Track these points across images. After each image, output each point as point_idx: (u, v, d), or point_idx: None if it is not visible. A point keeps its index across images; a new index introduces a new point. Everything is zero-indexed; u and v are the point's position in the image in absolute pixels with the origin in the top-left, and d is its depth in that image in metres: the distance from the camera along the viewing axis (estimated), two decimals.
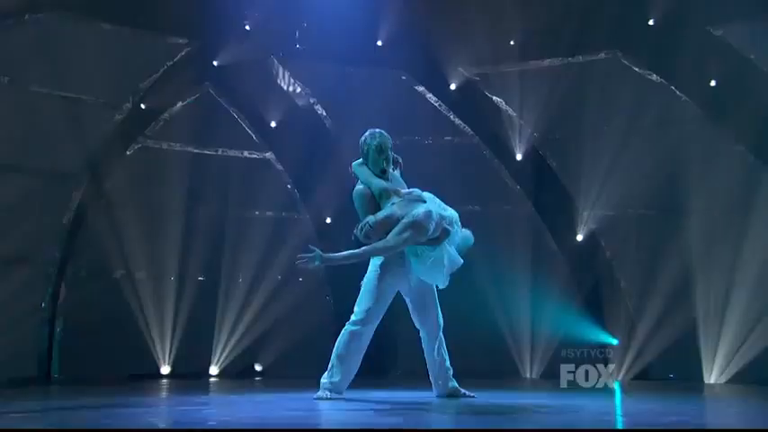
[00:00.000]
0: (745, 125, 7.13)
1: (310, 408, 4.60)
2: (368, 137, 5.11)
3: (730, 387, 6.85)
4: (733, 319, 7.23)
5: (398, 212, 4.81)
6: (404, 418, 4.03)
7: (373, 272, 5.12)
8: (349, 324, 5.12)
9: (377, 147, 5.04)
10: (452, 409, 4.48)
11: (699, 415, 4.35)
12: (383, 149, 5.04)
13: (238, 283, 8.01)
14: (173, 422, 3.96)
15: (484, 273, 7.95)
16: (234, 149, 8.23)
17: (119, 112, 7.59)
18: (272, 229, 8.19)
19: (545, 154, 8.25)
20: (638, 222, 7.87)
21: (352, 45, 8.09)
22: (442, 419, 4.07)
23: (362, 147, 5.12)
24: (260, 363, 8.07)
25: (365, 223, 4.81)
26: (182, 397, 5.67)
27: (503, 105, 8.28)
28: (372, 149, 5.04)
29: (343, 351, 5.06)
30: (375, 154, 5.03)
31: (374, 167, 5.07)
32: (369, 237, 4.82)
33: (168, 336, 7.61)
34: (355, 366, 5.09)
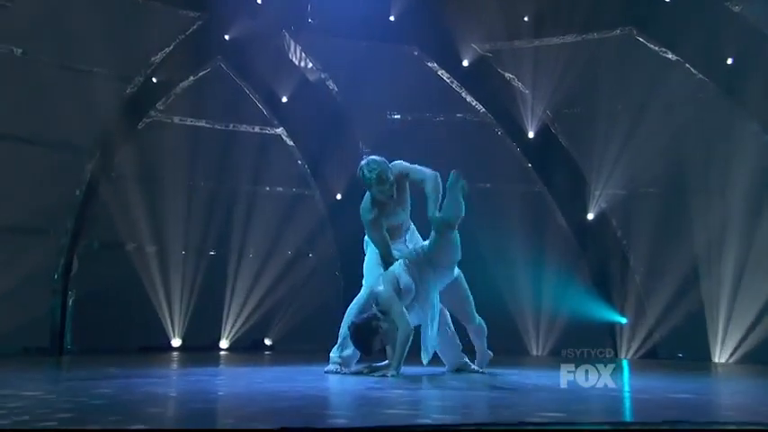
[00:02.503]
0: (761, 104, 7.03)
1: (320, 380, 4.64)
2: (365, 169, 5.03)
3: (738, 367, 6.84)
4: (742, 299, 7.20)
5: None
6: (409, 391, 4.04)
7: (373, 252, 5.16)
8: (356, 299, 5.16)
9: (377, 178, 4.98)
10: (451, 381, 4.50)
11: (706, 392, 4.35)
12: (383, 179, 4.99)
13: (249, 258, 8.04)
14: (184, 391, 4.00)
15: (493, 250, 7.94)
16: (245, 124, 8.22)
17: (130, 85, 7.57)
18: (283, 205, 8.21)
19: (557, 132, 8.19)
20: (649, 202, 7.81)
21: (364, 20, 8.02)
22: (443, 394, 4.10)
23: (363, 179, 5.03)
24: (269, 337, 8.12)
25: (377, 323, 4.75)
26: (192, 368, 5.73)
27: (515, 82, 8.20)
28: (374, 181, 4.99)
29: None
30: (378, 185, 4.99)
31: (380, 196, 5.03)
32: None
33: (179, 309, 7.66)
34: None
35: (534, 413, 3.28)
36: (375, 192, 4.99)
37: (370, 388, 4.22)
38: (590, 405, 3.61)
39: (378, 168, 4.98)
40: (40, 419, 2.82)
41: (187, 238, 7.80)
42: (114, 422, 2.81)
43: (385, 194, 5.01)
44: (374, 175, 4.96)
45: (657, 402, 3.71)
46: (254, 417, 3.10)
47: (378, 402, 3.67)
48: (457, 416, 3.26)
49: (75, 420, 2.81)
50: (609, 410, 3.45)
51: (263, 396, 3.74)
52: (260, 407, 3.35)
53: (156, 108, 7.83)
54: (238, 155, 8.02)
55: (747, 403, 3.90)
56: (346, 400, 3.86)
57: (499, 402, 3.79)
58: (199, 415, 3.09)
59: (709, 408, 3.58)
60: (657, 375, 5.30)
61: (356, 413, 3.29)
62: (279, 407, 3.32)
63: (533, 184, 8.23)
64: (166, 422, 2.97)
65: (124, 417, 2.95)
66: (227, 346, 7.92)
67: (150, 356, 6.81)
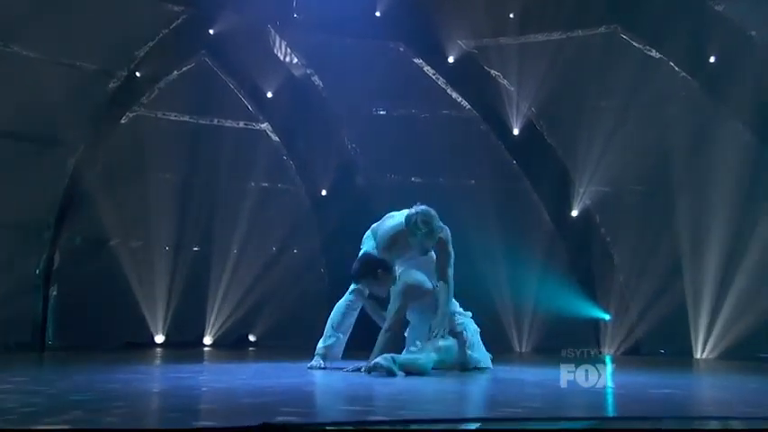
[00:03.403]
0: (743, 102, 7.11)
1: (304, 376, 4.64)
2: (420, 218, 4.86)
3: (720, 363, 6.93)
4: (725, 296, 7.29)
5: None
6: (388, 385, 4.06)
7: (369, 248, 5.19)
8: (345, 296, 5.21)
9: (428, 233, 4.86)
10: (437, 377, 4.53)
11: (685, 387, 4.40)
12: (431, 237, 4.90)
13: (233, 254, 8.02)
14: (167, 388, 3.99)
15: (478, 247, 7.97)
16: (229, 120, 8.19)
17: (114, 79, 7.52)
18: (268, 201, 8.18)
19: (542, 129, 8.23)
20: (633, 199, 7.88)
21: (350, 15, 8.00)
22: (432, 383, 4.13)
23: (413, 224, 4.88)
24: (254, 333, 8.11)
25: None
26: (175, 364, 5.70)
27: (501, 79, 8.23)
28: (422, 235, 4.85)
29: (338, 318, 5.15)
30: (423, 239, 4.88)
31: (419, 247, 4.92)
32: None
33: (162, 305, 7.63)
34: (348, 332, 5.18)
35: (513, 405, 3.30)
36: (414, 241, 4.90)
37: (354, 383, 4.23)
38: (569, 400, 3.65)
39: (432, 224, 4.88)
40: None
41: (171, 234, 7.77)
42: (93, 419, 2.80)
43: (421, 250, 4.94)
44: (426, 230, 4.86)
45: (635, 398, 3.75)
46: (235, 413, 3.09)
47: (361, 397, 3.68)
48: (439, 410, 3.27)
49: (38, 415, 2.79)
50: (588, 406, 3.49)
51: (245, 392, 3.73)
52: (242, 403, 3.34)
53: (140, 103, 7.78)
54: (223, 150, 7.98)
55: (725, 398, 3.95)
56: (329, 395, 3.87)
57: (482, 396, 3.82)
58: (179, 411, 3.08)
59: (687, 403, 3.62)
60: (639, 371, 5.36)
61: (339, 409, 3.29)
62: (261, 403, 3.31)
63: (518, 181, 8.27)
64: (147, 419, 2.97)
65: (103, 413, 2.94)
66: (211, 342, 7.90)
67: (133, 353, 6.77)
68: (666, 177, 7.65)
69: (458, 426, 2.82)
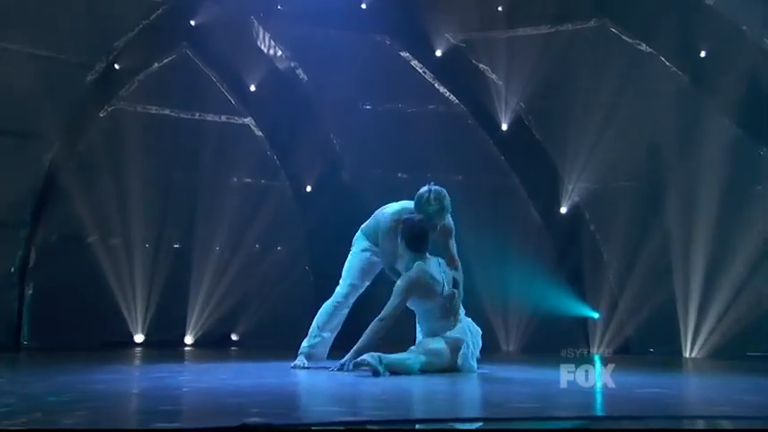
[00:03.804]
0: (734, 98, 7.16)
1: (286, 376, 4.63)
2: (432, 195, 4.90)
3: (710, 362, 6.99)
4: (713, 294, 7.35)
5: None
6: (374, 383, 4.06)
7: (359, 250, 5.17)
8: (333, 297, 5.21)
9: (440, 210, 4.89)
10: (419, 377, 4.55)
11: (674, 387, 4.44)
12: (441, 216, 4.92)
13: (215, 252, 7.99)
14: (144, 388, 3.97)
15: (465, 244, 7.96)
16: (211, 114, 8.14)
17: (92, 72, 7.45)
18: (251, 197, 8.14)
19: (530, 124, 8.26)
20: (622, 195, 7.92)
21: (335, 7, 7.98)
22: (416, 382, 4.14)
23: (425, 201, 4.89)
24: (236, 332, 8.09)
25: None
26: (155, 364, 5.68)
27: (489, 73, 8.25)
28: (434, 211, 4.87)
29: (324, 318, 5.15)
30: (436, 216, 4.89)
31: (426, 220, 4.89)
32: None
33: (142, 304, 7.59)
34: (334, 333, 5.17)
35: (502, 405, 3.32)
36: (428, 215, 4.88)
37: (337, 383, 4.23)
38: (557, 399, 3.67)
39: (444, 202, 4.90)
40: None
41: (151, 231, 7.72)
42: (71, 421, 2.78)
43: (433, 223, 4.92)
44: (438, 206, 4.88)
45: (624, 397, 3.78)
46: (213, 413, 3.09)
47: (343, 398, 3.68)
48: (422, 410, 3.28)
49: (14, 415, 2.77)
50: (576, 405, 3.51)
51: (226, 392, 3.73)
52: (222, 403, 3.34)
53: (119, 96, 7.72)
54: (204, 145, 7.94)
55: (712, 397, 3.99)
56: (311, 395, 3.87)
57: (468, 396, 3.83)
58: (158, 412, 3.07)
59: (674, 402, 3.65)
60: (628, 370, 5.40)
61: (320, 409, 3.29)
62: (241, 403, 3.31)
63: (506, 176, 8.29)
64: (125, 420, 2.95)
65: (81, 415, 2.92)
66: (192, 341, 7.87)
67: (112, 352, 6.74)
68: (656, 174, 7.70)
69: (439, 426, 2.82)
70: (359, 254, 5.22)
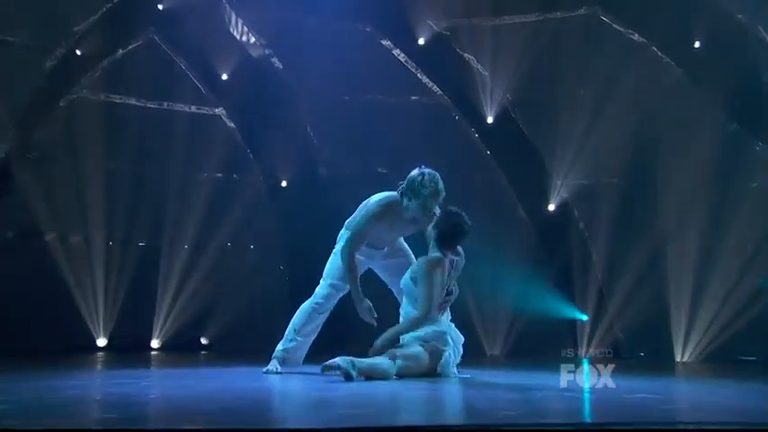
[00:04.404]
0: (729, 90, 7.22)
1: (258, 381, 4.61)
2: (426, 177, 4.81)
3: (701, 366, 7.06)
4: (707, 296, 7.41)
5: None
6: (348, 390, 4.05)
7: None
8: (312, 298, 5.13)
9: (434, 192, 4.80)
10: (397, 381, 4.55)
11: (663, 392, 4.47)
12: (436, 199, 4.84)
13: (183, 250, 7.93)
14: (107, 394, 3.93)
15: None
16: (180, 103, 8.08)
17: (51, 57, 7.35)
18: (222, 192, 8.09)
19: (517, 117, 8.27)
20: (613, 192, 7.96)
21: None
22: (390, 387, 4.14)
23: (417, 183, 4.80)
24: (206, 336, 8.04)
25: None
26: (119, 369, 5.63)
27: (474, 63, 8.25)
28: (429, 194, 4.79)
29: (302, 320, 5.08)
30: (429, 199, 4.80)
31: (419, 211, 4.83)
32: None
33: (105, 305, 7.52)
34: (311, 336, 5.10)
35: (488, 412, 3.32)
36: (414, 204, 4.80)
37: (309, 388, 4.21)
38: (543, 405, 3.68)
39: (439, 185, 4.83)
40: None
41: (115, 227, 7.64)
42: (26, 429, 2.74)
43: (421, 215, 4.84)
44: (433, 189, 4.79)
45: (610, 403, 3.80)
46: (180, 419, 3.07)
47: (317, 404, 3.67)
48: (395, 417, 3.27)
49: None
50: (562, 411, 3.52)
51: (193, 398, 3.71)
52: (188, 409, 3.33)
53: (81, 84, 7.64)
54: (173, 136, 7.87)
55: (701, 403, 4.02)
56: (282, 400, 3.85)
57: (451, 400, 3.83)
58: (119, 419, 3.04)
59: (665, 408, 3.68)
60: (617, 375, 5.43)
61: (291, 414, 3.28)
62: (209, 409, 3.30)
63: (491, 172, 8.30)
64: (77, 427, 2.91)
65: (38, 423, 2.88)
66: (158, 345, 7.81)
67: (72, 357, 6.66)
68: (648, 170, 7.75)
69: None
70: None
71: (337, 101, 8.36)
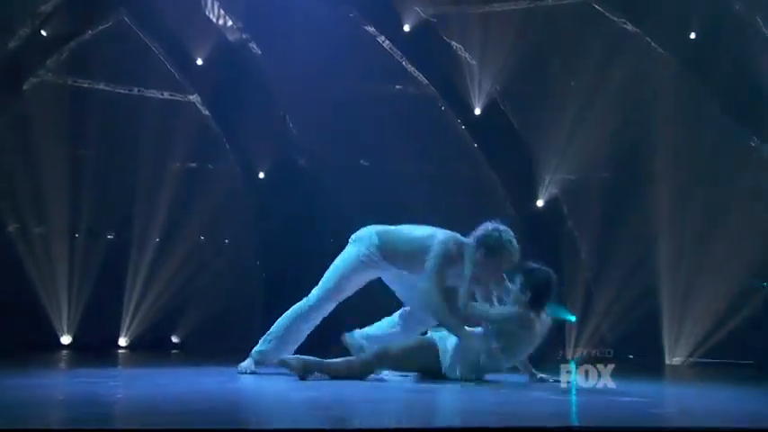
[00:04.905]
0: (724, 84, 7.29)
1: (230, 382, 4.60)
2: (513, 242, 4.74)
3: (692, 369, 7.13)
4: (698, 297, 7.48)
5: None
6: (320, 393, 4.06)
7: (357, 253, 4.92)
8: (305, 301, 4.97)
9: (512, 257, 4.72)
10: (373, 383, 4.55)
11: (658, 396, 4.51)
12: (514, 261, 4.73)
13: (154, 244, 7.88)
14: (70, 394, 3.91)
15: None
16: (152, 89, 8.03)
17: (13, 38, 7.28)
18: (195, 183, 8.05)
19: (506, 109, 8.31)
20: (604, 188, 8.02)
21: None
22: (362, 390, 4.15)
23: (495, 242, 4.72)
24: (177, 334, 8.00)
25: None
26: (84, 369, 5.59)
27: (462, 52, 8.26)
28: (507, 258, 4.71)
29: (286, 324, 4.94)
30: (507, 263, 4.73)
31: (493, 268, 4.74)
32: None
33: (70, 301, 7.45)
34: (292, 344, 4.97)
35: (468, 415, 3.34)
36: (490, 261, 4.70)
37: (281, 390, 4.21)
38: (526, 408, 3.70)
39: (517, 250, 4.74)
40: None
41: (81, 219, 7.57)
42: None
43: (493, 272, 4.75)
44: (513, 252, 4.72)
45: (600, 405, 3.83)
46: (146, 420, 3.07)
47: (284, 405, 3.66)
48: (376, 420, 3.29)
49: None
50: (547, 414, 3.55)
51: (161, 399, 3.70)
52: (156, 410, 3.33)
53: (46, 66, 7.56)
54: (144, 124, 7.81)
55: (692, 407, 4.07)
56: (252, 401, 3.85)
57: (427, 404, 3.84)
58: (84, 420, 3.02)
59: (653, 412, 3.72)
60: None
61: (259, 416, 3.29)
62: (177, 410, 3.29)
63: (479, 166, 8.33)
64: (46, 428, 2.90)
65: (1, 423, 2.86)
66: (126, 344, 7.77)
67: (34, 355, 6.60)
68: (640, 165, 7.81)
69: None
70: (354, 258, 4.89)
71: (318, 89, 8.33)
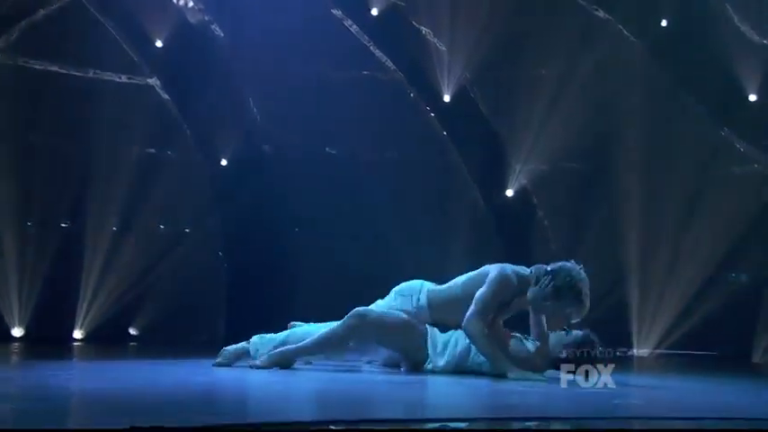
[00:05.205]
0: (695, 71, 7.40)
1: (190, 375, 4.59)
2: (586, 291, 4.44)
3: (662, 360, 7.27)
4: (669, 287, 7.62)
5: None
6: None
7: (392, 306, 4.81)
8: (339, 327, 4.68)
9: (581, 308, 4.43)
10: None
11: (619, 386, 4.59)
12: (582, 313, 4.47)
13: (111, 233, 7.79)
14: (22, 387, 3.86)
15: (400, 230, 8.04)
16: (109, 72, 7.91)
17: None
18: (155, 170, 7.96)
19: (476, 97, 8.35)
20: (575, 178, 8.11)
21: None
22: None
23: (567, 286, 4.42)
24: (135, 326, 7.94)
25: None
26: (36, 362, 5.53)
27: (431, 37, 8.28)
28: (575, 309, 4.42)
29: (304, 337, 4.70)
30: (573, 313, 4.44)
31: (552, 311, 4.51)
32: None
33: (22, 292, 7.34)
34: None
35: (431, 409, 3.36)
36: (550, 304, 4.46)
37: (244, 383, 4.21)
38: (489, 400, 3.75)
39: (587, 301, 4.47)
40: None
41: (34, 208, 7.46)
42: None
43: (554, 312, 4.50)
44: (583, 303, 4.42)
45: (562, 397, 3.89)
46: (102, 415, 3.04)
47: (243, 398, 3.68)
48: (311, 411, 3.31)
49: None
50: (508, 406, 3.60)
51: (116, 393, 3.67)
52: (111, 404, 3.29)
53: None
54: (100, 108, 7.71)
55: (656, 398, 4.15)
56: (211, 396, 3.84)
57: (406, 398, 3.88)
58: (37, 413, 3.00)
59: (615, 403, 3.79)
60: None
61: (218, 410, 3.28)
62: (133, 404, 3.28)
63: (447, 155, 8.36)
64: None
65: None
66: (82, 336, 7.70)
67: None
68: (611, 155, 7.91)
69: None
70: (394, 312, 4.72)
71: (283, 73, 8.29)
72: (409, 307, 4.73)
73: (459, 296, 4.64)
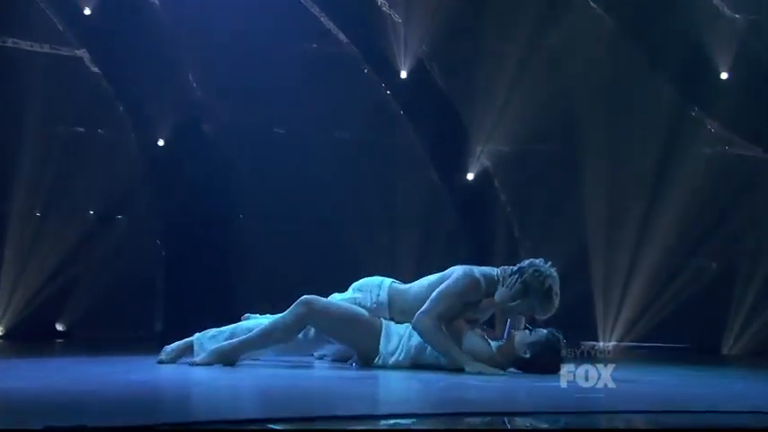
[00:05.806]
0: (666, 47, 7.47)
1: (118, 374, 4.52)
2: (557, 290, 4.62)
3: (629, 352, 7.36)
4: (637, 278, 7.71)
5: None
6: None
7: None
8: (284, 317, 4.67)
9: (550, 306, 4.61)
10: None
11: None
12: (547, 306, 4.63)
13: (35, 219, 7.64)
14: None
15: (355, 216, 8.01)
16: (32, 42, 7.70)
17: None
18: (84, 150, 7.84)
19: (434, 72, 8.33)
20: (539, 160, 8.15)
21: None
22: None
23: (538, 283, 4.58)
24: (62, 321, 7.78)
25: None
26: None
27: (386, 9, 8.23)
28: (543, 305, 4.60)
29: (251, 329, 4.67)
30: (540, 310, 4.62)
31: (525, 310, 4.65)
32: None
33: None
34: None
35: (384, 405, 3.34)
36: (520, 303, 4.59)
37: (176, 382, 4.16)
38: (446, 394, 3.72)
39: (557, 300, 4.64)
40: None
41: None
42: None
43: (523, 310, 4.65)
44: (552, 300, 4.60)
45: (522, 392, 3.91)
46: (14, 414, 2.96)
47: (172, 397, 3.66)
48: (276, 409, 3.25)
49: None
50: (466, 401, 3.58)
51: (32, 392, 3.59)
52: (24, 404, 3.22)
53: None
54: (22, 82, 7.54)
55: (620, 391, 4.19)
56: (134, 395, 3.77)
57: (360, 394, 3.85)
58: None
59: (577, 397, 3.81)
60: None
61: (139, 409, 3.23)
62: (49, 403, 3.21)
63: (403, 134, 8.35)
64: None
65: None
66: (2, 332, 7.52)
67: None
68: (577, 135, 7.96)
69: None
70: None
71: (226, 46, 8.16)
72: (367, 302, 4.76)
73: (424, 297, 4.67)
